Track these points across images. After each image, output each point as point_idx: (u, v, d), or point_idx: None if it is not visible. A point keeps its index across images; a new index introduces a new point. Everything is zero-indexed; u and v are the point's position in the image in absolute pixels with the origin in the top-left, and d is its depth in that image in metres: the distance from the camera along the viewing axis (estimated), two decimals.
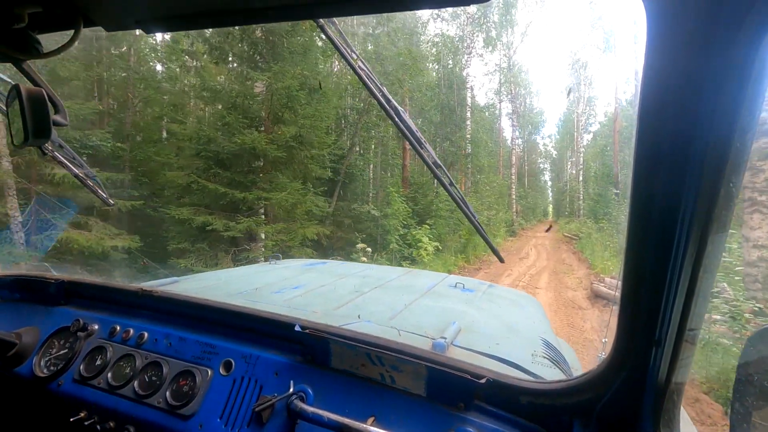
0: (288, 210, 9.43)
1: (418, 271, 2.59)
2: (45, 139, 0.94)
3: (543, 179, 52.38)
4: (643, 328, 0.68)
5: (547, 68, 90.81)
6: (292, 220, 9.66)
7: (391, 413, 0.91)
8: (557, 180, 47.79)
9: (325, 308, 1.50)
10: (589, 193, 27.16)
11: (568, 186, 36.75)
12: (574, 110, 33.81)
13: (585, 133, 33.41)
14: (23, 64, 0.95)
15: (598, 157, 28.64)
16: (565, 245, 19.34)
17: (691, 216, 0.55)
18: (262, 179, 9.14)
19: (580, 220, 25.88)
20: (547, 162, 51.54)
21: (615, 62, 33.35)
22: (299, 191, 9.42)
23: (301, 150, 9.59)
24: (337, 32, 1.12)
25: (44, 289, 1.48)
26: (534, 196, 41.21)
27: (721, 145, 0.51)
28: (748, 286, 5.64)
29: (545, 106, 53.63)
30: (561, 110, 38.13)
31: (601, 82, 64.33)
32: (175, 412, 1.05)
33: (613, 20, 39.36)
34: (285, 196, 8.85)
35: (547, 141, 49.49)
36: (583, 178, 30.02)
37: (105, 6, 0.81)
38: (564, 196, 38.84)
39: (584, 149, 32.47)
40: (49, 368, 1.27)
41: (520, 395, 0.87)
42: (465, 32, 20.84)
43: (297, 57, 9.65)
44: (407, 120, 1.25)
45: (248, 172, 9.16)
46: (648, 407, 0.73)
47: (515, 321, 1.66)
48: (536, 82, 65.74)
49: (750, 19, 0.44)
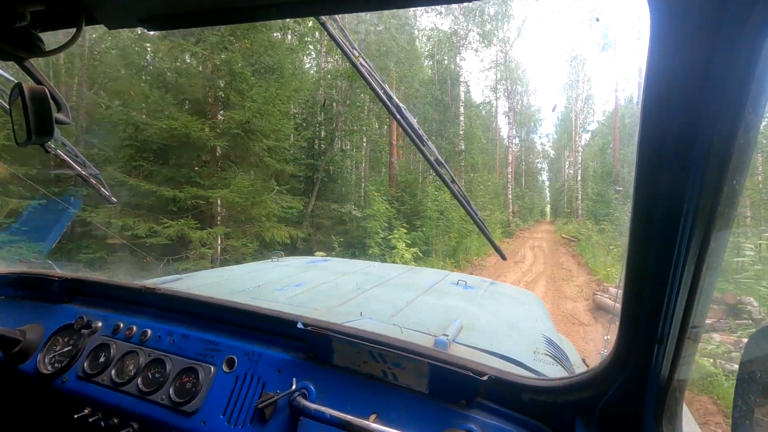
0: (241, 211, 8.11)
1: (420, 268, 2.59)
2: (48, 137, 0.94)
3: (541, 179, 51.78)
4: (645, 326, 0.68)
5: (545, 65, 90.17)
6: (249, 222, 8.41)
7: (393, 410, 0.92)
8: (555, 180, 47.17)
9: (327, 306, 1.50)
10: (587, 193, 26.58)
11: (566, 186, 36.47)
12: (573, 108, 33.43)
13: (583, 132, 33.12)
14: (25, 62, 0.95)
15: (597, 156, 28.25)
16: (564, 247, 18.45)
17: (694, 214, 0.55)
18: (201, 174, 7.72)
19: (578, 220, 25.44)
20: (545, 162, 51.00)
21: (615, 59, 33.02)
22: (255, 189, 8.04)
23: (252, 140, 8.10)
24: (339, 29, 1.12)
25: (48, 287, 1.48)
26: (531, 196, 40.68)
27: (725, 143, 0.51)
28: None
29: (543, 104, 53.09)
30: (559, 109, 37.74)
31: (600, 80, 63.70)
32: (179, 408, 1.06)
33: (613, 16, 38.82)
34: (228, 194, 7.44)
35: (544, 140, 49.05)
36: (581, 178, 29.44)
37: (107, 4, 0.81)
38: (562, 196, 38.44)
39: (582, 148, 32.02)
40: (53, 365, 1.28)
41: (522, 392, 0.87)
42: (459, 25, 20.41)
43: (241, 28, 8.13)
44: (409, 117, 1.25)
45: (186, 166, 7.77)
46: (650, 404, 0.73)
47: (517, 318, 1.66)
48: (534, 80, 65.07)
49: (754, 17, 0.44)
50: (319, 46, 14.24)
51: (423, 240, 12.82)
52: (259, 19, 0.77)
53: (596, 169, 27.29)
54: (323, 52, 14.29)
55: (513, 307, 1.86)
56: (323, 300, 1.59)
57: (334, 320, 1.12)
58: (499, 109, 31.89)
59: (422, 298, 1.70)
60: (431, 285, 1.96)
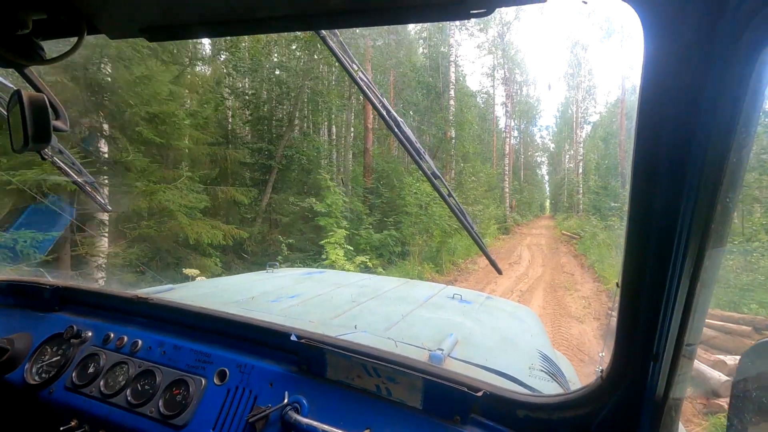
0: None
1: (416, 281, 2.58)
2: (45, 144, 0.94)
3: (540, 173, 50.66)
4: (640, 343, 0.67)
5: (544, 52, 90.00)
6: (133, 221, 6.35)
7: (386, 425, 0.90)
8: (555, 173, 45.92)
9: (322, 318, 1.49)
10: (589, 186, 25.42)
11: (566, 179, 35.44)
12: (574, 99, 32.29)
13: (585, 123, 31.95)
14: (26, 70, 0.96)
15: (600, 148, 27.22)
16: (564, 246, 17.07)
17: (688, 231, 0.56)
18: None
19: (579, 215, 24.39)
20: (545, 155, 49.78)
21: (621, 44, 30.35)
22: (150, 173, 6.07)
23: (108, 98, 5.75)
24: (339, 43, 1.14)
25: (38, 295, 1.46)
26: (530, 191, 39.67)
27: (718, 161, 0.51)
28: None
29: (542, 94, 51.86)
30: (559, 100, 37.14)
31: (603, 69, 62.51)
32: (168, 422, 1.04)
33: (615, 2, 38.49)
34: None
35: (544, 133, 48.10)
36: (582, 170, 28.07)
37: (109, 13, 0.82)
38: (562, 190, 37.38)
39: (584, 140, 30.99)
40: (40, 375, 1.25)
41: (517, 409, 0.86)
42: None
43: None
44: (407, 131, 1.26)
45: None
46: (646, 423, 0.72)
47: (513, 333, 1.65)
48: (533, 70, 63.98)
49: (747, 36, 0.45)
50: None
51: (397, 241, 11.03)
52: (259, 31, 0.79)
53: (599, 161, 26.27)
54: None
55: (509, 322, 1.85)
56: (317, 312, 1.57)
57: (329, 333, 1.11)
58: (497, 100, 30.82)
59: (418, 312, 1.68)
60: (427, 298, 1.95)
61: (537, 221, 33.35)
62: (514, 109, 33.74)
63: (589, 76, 31.54)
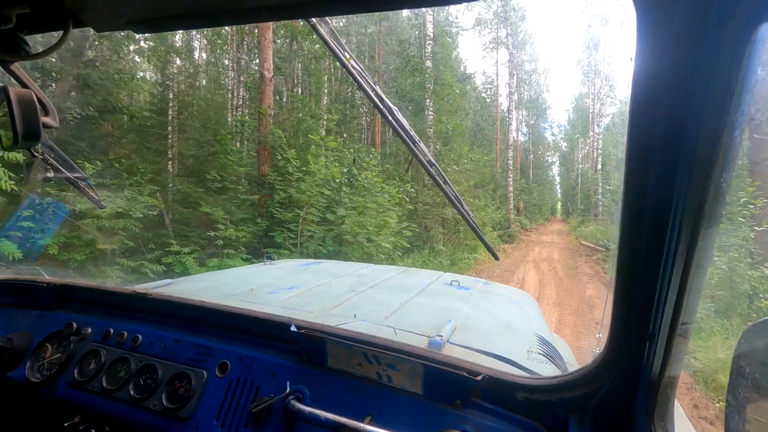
0: None
1: (414, 269, 2.59)
2: (35, 142, 0.93)
3: (551, 174, 45.82)
4: (636, 323, 0.68)
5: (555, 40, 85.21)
6: None
7: (388, 412, 0.91)
8: (567, 174, 40.72)
9: (321, 308, 1.50)
10: (609, 185, 21.99)
11: (580, 178, 31.41)
12: (590, 88, 28.77)
13: (603, 116, 28.13)
14: (11, 66, 0.94)
15: (621, 143, 25.15)
16: (586, 263, 12.06)
17: (682, 212, 0.56)
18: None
19: (597, 220, 21.45)
20: (556, 155, 44.85)
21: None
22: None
23: None
24: (330, 31, 1.12)
25: (37, 293, 1.46)
26: (540, 191, 35.28)
27: (711, 142, 0.52)
28: None
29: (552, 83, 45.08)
30: (572, 93, 34.16)
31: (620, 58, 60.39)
32: (171, 415, 1.05)
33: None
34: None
35: (555, 131, 43.60)
36: (601, 167, 24.34)
37: (95, 6, 0.80)
38: (575, 190, 33.14)
39: (602, 134, 26.94)
40: (42, 373, 1.25)
41: (516, 391, 0.87)
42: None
43: None
44: (401, 119, 1.25)
45: None
46: (642, 401, 0.74)
47: (511, 318, 1.66)
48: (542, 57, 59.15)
49: (739, 16, 0.45)
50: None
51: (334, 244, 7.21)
52: (249, 21, 0.77)
53: (621, 156, 25.35)
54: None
55: (507, 307, 1.87)
56: (316, 302, 1.58)
57: (328, 323, 1.12)
58: (500, 82, 27.02)
59: (416, 299, 1.70)
60: (425, 286, 1.96)
61: (547, 225, 30.51)
62: (521, 98, 30.56)
63: (608, 58, 27.75)
